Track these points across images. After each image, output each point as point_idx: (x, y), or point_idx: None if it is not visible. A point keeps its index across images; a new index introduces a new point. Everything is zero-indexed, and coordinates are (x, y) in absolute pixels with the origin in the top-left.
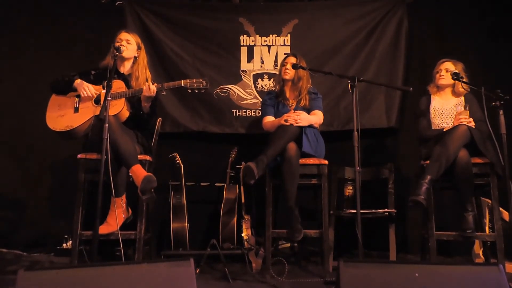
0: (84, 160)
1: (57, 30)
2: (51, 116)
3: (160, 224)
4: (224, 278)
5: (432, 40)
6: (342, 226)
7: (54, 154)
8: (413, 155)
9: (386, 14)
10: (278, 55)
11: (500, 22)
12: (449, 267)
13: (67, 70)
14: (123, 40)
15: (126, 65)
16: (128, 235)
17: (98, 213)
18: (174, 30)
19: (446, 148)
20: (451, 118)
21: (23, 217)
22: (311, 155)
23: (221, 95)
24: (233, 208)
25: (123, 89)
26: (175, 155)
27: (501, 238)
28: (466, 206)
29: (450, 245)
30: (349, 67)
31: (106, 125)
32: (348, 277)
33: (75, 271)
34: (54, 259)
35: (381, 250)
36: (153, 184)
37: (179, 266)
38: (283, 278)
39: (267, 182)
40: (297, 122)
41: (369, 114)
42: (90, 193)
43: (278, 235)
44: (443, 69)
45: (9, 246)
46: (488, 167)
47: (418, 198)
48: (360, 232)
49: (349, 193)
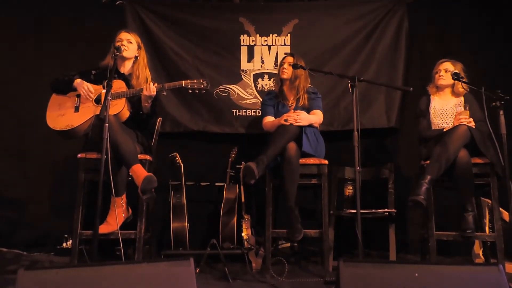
0: (84, 159)
1: (57, 29)
2: (51, 115)
3: (160, 224)
4: (224, 278)
5: (432, 40)
6: (342, 226)
7: (54, 154)
8: (413, 155)
9: (386, 14)
10: (278, 55)
11: (500, 22)
12: (449, 267)
13: (67, 70)
14: (123, 40)
15: (127, 65)
16: (128, 234)
17: (98, 212)
18: (174, 30)
19: (446, 148)
20: (451, 118)
21: (23, 216)
22: (311, 155)
23: (221, 94)
24: (233, 208)
25: (124, 89)
26: (175, 155)
27: (501, 238)
28: (466, 206)
29: (450, 245)
30: (349, 67)
31: (106, 125)
32: (348, 277)
33: (75, 271)
34: (54, 258)
35: (381, 250)
36: (153, 184)
37: (179, 266)
38: (283, 278)
39: (267, 182)
40: (297, 121)
41: (369, 114)
42: (90, 192)
43: (278, 235)
44: (442, 69)
45: (9, 246)
46: (488, 167)
47: (418, 198)
48: (360, 232)
49: (349, 193)
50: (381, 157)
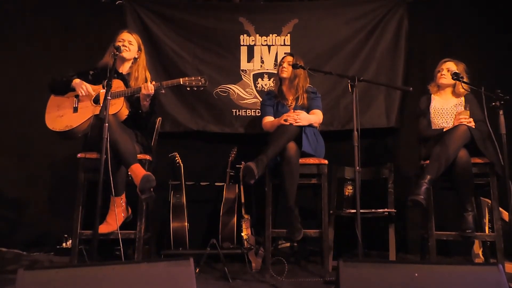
0: (83, 159)
1: (57, 29)
2: (50, 116)
3: (160, 223)
4: (224, 277)
5: (432, 40)
6: (342, 226)
7: (54, 154)
8: (413, 155)
9: (386, 14)
10: (278, 55)
11: (500, 21)
12: (448, 267)
13: (66, 70)
14: (125, 41)
15: (126, 66)
16: (128, 234)
17: (97, 212)
18: (174, 30)
19: (446, 148)
20: (451, 118)
21: (23, 216)
22: (311, 154)
23: (221, 94)
24: (233, 208)
25: (122, 88)
26: (175, 155)
27: (500, 238)
28: (466, 206)
29: (450, 245)
30: (349, 66)
31: (106, 125)
32: (347, 277)
33: (75, 271)
34: (53, 258)
35: (381, 250)
36: (152, 183)
37: (178, 266)
38: (282, 278)
39: (267, 181)
40: (297, 121)
41: (369, 114)
42: (89, 192)
43: (278, 235)
44: (445, 69)
45: (9, 245)
46: (488, 167)
47: (417, 198)
48: (360, 232)
49: (349, 193)
50: (381, 157)
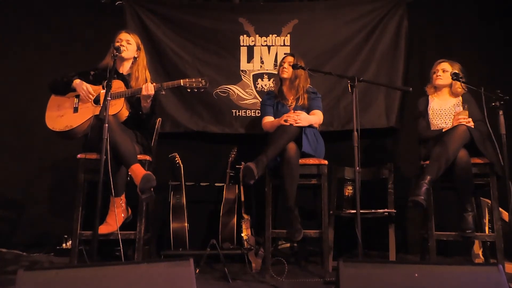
0: (83, 160)
1: (57, 30)
2: (51, 116)
3: (160, 224)
4: (224, 278)
5: (432, 40)
6: (342, 226)
7: (54, 154)
8: (413, 155)
9: (386, 14)
10: (278, 55)
11: (500, 22)
12: (448, 267)
13: (66, 70)
14: (123, 40)
15: (126, 66)
16: (128, 235)
17: (97, 213)
18: (174, 30)
19: (446, 149)
20: (449, 118)
21: (23, 217)
22: (311, 155)
23: (221, 95)
24: (232, 208)
25: (122, 89)
26: (175, 155)
27: (500, 238)
28: (466, 206)
29: (450, 245)
30: (349, 67)
31: (106, 125)
32: (347, 277)
33: (74, 271)
34: (53, 259)
35: (381, 250)
36: (152, 183)
37: (178, 266)
38: (282, 278)
39: (267, 182)
40: (297, 122)
41: (369, 114)
42: (89, 193)
43: (278, 235)
44: (440, 70)
45: (8, 246)
46: (487, 167)
47: (417, 199)
48: (360, 232)
49: (349, 193)
50: (380, 157)
